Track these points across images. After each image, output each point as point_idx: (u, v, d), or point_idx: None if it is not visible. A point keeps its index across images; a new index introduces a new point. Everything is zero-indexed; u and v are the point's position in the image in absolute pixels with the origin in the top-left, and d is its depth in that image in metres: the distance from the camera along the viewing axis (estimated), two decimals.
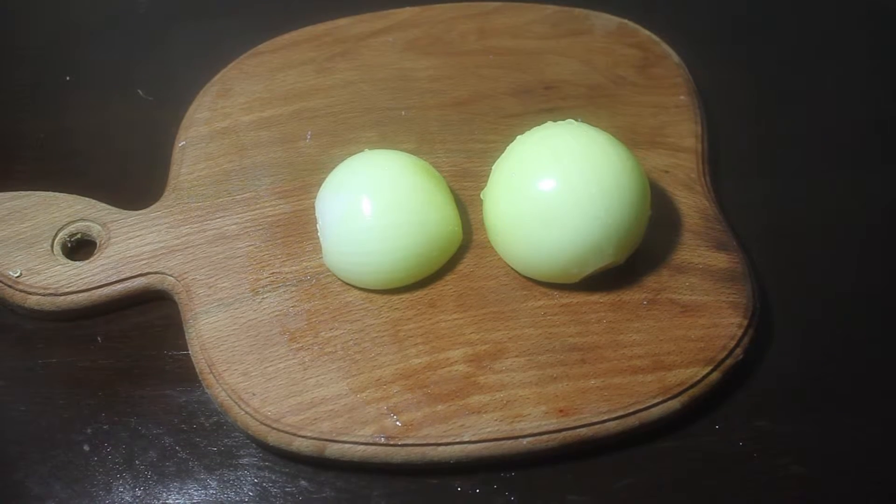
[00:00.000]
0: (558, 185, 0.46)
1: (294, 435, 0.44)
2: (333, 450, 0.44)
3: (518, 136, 0.49)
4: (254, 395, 0.45)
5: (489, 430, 0.44)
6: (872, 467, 0.46)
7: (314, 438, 0.44)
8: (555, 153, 0.47)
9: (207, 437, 0.46)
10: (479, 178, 0.53)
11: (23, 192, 0.52)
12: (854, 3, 0.69)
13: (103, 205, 0.52)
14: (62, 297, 0.49)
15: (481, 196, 0.50)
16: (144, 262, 0.50)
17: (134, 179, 0.56)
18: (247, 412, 0.45)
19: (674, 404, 0.46)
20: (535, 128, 0.49)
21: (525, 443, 0.44)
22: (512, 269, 0.50)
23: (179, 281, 0.49)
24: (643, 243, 0.49)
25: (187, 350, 0.48)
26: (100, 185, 0.54)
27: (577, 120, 0.50)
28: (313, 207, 0.51)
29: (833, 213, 0.56)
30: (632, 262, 0.49)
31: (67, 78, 0.62)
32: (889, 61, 0.66)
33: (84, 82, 0.62)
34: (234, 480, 0.45)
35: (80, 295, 0.49)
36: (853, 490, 0.46)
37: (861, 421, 0.48)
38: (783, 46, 0.66)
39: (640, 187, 0.47)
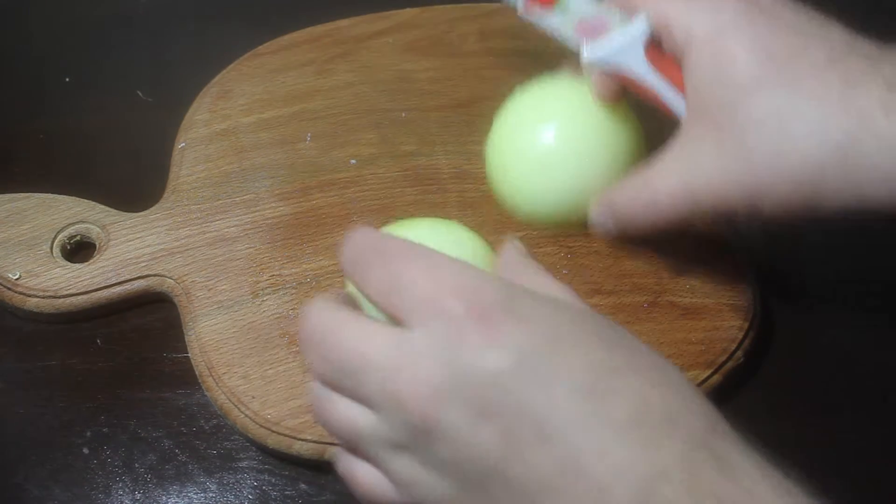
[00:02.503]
0: (558, 133, 0.47)
1: (294, 438, 0.44)
2: (333, 453, 0.44)
3: (518, 88, 0.51)
4: (253, 397, 0.45)
5: None
6: (873, 469, 0.46)
7: (314, 442, 0.44)
8: (555, 102, 0.48)
9: (207, 440, 0.46)
10: (480, 180, 0.53)
11: (22, 194, 0.52)
12: (854, 3, 0.69)
13: (103, 207, 0.52)
14: (61, 300, 0.49)
15: (484, 148, 0.51)
16: (144, 264, 0.50)
17: (133, 181, 0.56)
18: (246, 415, 0.45)
19: None
20: (534, 80, 0.51)
21: None
22: None
23: (179, 283, 0.49)
24: (643, 245, 0.50)
25: (187, 353, 0.48)
26: (99, 186, 0.54)
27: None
28: (313, 209, 0.51)
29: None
30: (632, 264, 0.49)
31: (67, 79, 0.62)
32: None
33: (84, 83, 0.62)
34: (233, 484, 0.45)
35: (80, 297, 0.49)
36: (854, 493, 0.45)
37: (862, 423, 0.48)
38: None
39: (636, 136, 0.48)
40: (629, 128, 0.48)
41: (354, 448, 0.36)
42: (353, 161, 0.55)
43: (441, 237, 0.42)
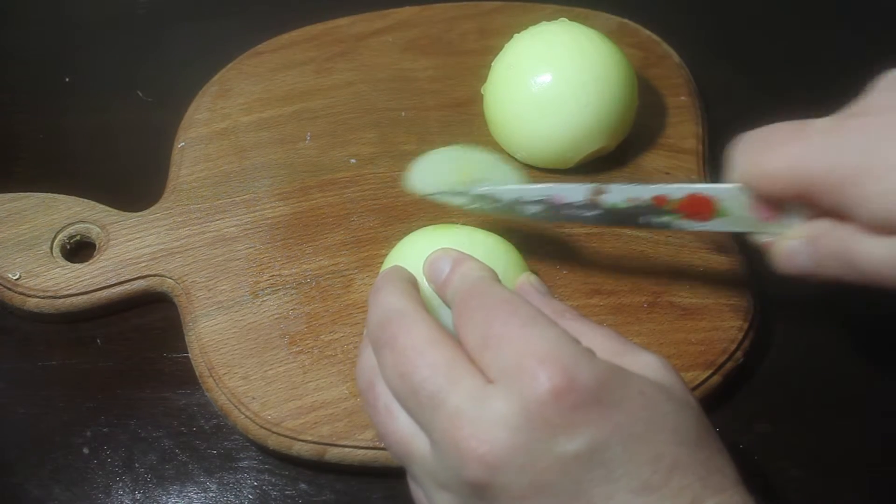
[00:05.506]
0: (553, 76, 0.50)
1: (294, 439, 0.44)
2: (333, 454, 0.44)
3: (515, 35, 0.53)
4: (254, 398, 0.45)
5: None
6: (872, 470, 0.46)
7: (314, 443, 0.44)
8: (549, 46, 0.51)
9: (207, 440, 0.46)
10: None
11: (22, 194, 0.52)
12: (854, 3, 0.69)
13: (102, 206, 0.52)
14: (62, 300, 0.49)
15: (482, 91, 0.54)
16: (144, 264, 0.50)
17: (133, 181, 0.56)
18: (247, 416, 0.45)
19: None
20: (529, 27, 0.53)
21: None
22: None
23: (179, 283, 0.49)
24: (643, 243, 0.50)
25: (187, 353, 0.48)
26: (99, 186, 0.54)
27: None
28: (312, 209, 0.52)
29: None
30: (632, 264, 0.49)
31: (67, 79, 0.62)
32: (890, 61, 0.65)
33: (83, 83, 0.62)
34: (233, 483, 0.45)
35: (80, 297, 0.49)
36: (853, 493, 0.46)
37: (861, 424, 0.48)
38: (783, 46, 0.66)
39: (627, 77, 0.52)
40: (622, 71, 0.51)
41: (403, 463, 0.36)
42: (353, 160, 0.55)
43: (477, 247, 0.43)
